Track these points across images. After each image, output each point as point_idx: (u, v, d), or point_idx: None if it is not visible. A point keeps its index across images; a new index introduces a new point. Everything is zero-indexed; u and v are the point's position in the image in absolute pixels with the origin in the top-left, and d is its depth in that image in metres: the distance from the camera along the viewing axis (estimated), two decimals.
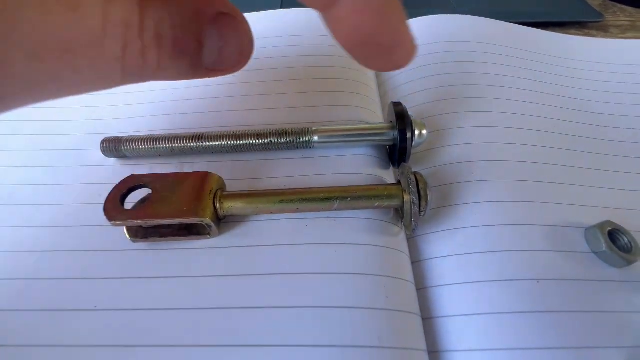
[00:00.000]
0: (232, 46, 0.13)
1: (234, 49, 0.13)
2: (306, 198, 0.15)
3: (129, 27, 0.10)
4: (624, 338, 0.14)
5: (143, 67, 0.10)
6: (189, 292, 0.14)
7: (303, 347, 0.13)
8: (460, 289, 0.15)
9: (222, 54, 0.12)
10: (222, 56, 0.12)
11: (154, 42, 0.10)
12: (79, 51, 0.09)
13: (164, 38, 0.10)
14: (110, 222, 0.14)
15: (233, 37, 0.12)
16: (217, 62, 0.12)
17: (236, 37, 0.13)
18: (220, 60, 0.12)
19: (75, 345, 0.13)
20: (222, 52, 0.12)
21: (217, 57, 0.12)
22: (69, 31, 0.09)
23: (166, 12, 0.10)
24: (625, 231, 0.16)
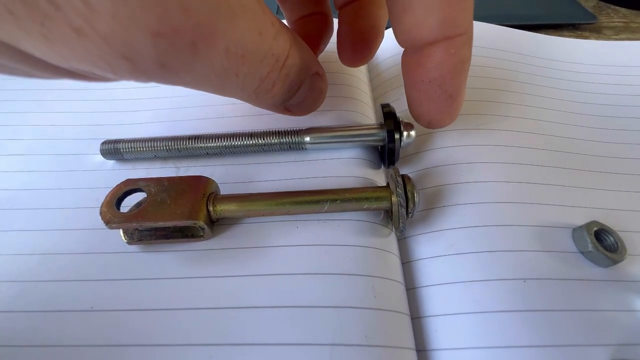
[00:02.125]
0: (312, 98, 0.16)
1: (312, 101, 0.16)
2: (297, 201, 0.16)
3: (277, 60, 0.12)
4: (609, 336, 0.14)
5: (268, 92, 0.13)
6: (183, 293, 0.15)
7: (292, 346, 0.13)
8: (449, 289, 0.16)
9: (303, 101, 0.16)
10: (302, 102, 0.16)
11: (284, 78, 0.13)
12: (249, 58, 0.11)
13: (290, 78, 0.13)
14: (107, 225, 0.15)
15: (316, 92, 0.16)
16: (296, 105, 0.16)
17: (317, 93, 0.16)
18: (299, 105, 0.16)
19: (73, 345, 0.14)
20: (304, 99, 0.16)
21: (299, 102, 0.15)
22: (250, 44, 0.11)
23: (298, 60, 0.13)
24: (611, 231, 0.16)
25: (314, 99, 0.16)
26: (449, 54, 0.13)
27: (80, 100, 0.24)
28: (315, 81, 0.15)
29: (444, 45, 0.13)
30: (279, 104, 0.15)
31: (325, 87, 0.16)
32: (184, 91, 0.24)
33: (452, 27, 0.13)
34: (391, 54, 0.27)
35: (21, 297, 0.15)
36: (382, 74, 0.26)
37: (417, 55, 0.14)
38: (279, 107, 0.15)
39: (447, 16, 0.12)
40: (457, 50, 0.13)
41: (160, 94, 0.24)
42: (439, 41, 0.13)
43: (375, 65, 0.28)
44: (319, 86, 0.16)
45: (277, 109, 0.16)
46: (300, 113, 0.16)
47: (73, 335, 0.14)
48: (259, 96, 0.13)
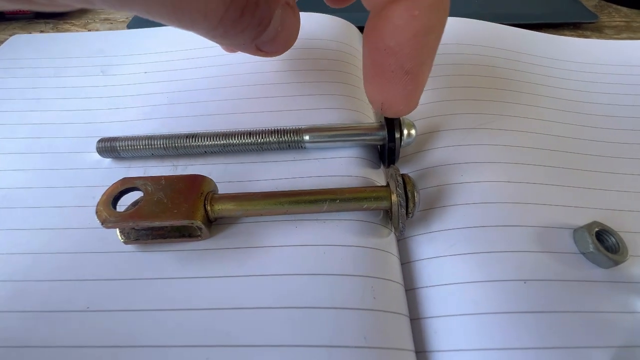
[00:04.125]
0: (285, 35, 0.14)
1: (285, 37, 0.14)
2: (295, 200, 0.16)
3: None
4: (610, 338, 0.14)
5: (235, 23, 0.11)
6: (180, 293, 0.14)
7: (290, 347, 0.13)
8: (449, 290, 0.15)
9: (275, 37, 0.14)
10: (274, 39, 0.14)
11: (252, 7, 0.12)
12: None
13: (259, 7, 0.12)
14: (103, 224, 0.14)
15: (288, 26, 0.14)
16: (269, 42, 0.14)
17: (291, 26, 0.14)
18: (271, 42, 0.14)
19: (68, 346, 0.13)
20: (277, 35, 0.14)
21: (272, 37, 0.14)
22: None
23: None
24: (613, 232, 0.16)
25: (287, 36, 0.15)
26: (410, 16, 0.11)
27: (76, 98, 0.24)
28: (286, 13, 0.14)
29: (406, 5, 0.11)
30: (250, 41, 0.13)
31: (297, 21, 0.15)
32: (182, 87, 0.23)
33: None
34: None
35: (15, 297, 0.15)
36: None
37: (377, 18, 0.12)
38: (250, 45, 0.14)
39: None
40: (421, 13, 0.11)
41: (157, 90, 0.23)
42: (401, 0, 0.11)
43: None
44: (291, 20, 0.14)
45: (247, 48, 0.14)
46: (273, 52, 0.15)
47: (68, 335, 0.14)
48: (227, 29, 0.12)
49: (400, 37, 0.12)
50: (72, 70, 0.26)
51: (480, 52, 0.26)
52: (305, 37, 0.26)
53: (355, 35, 0.28)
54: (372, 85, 0.14)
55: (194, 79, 0.24)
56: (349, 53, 0.26)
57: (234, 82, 0.23)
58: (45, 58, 0.27)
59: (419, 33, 0.12)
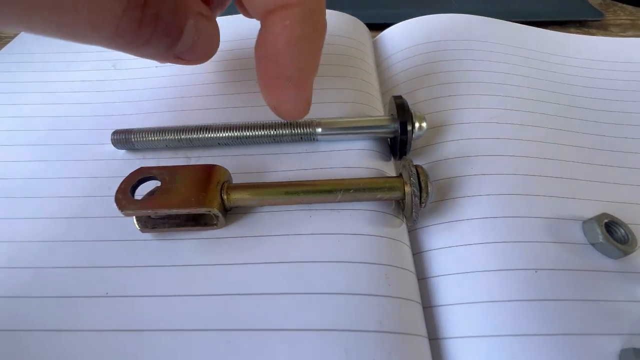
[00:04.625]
0: (203, 42, 0.15)
1: (203, 46, 0.15)
2: (310, 190, 0.16)
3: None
4: (619, 326, 0.14)
5: (136, 34, 0.12)
6: (198, 279, 0.15)
7: (308, 331, 0.13)
8: (460, 279, 0.16)
9: (193, 46, 0.15)
10: (192, 48, 0.15)
11: (151, 19, 0.12)
12: None
13: (161, 19, 0.12)
14: (122, 211, 0.15)
15: (205, 35, 0.15)
16: (187, 51, 0.15)
17: (208, 35, 0.15)
18: (190, 51, 0.15)
19: (88, 330, 0.14)
20: (194, 44, 0.15)
21: (189, 47, 0.15)
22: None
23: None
24: (622, 223, 0.16)
25: (206, 44, 0.15)
26: (282, 26, 0.12)
27: (89, 91, 0.24)
28: (200, 23, 0.14)
29: (279, 15, 0.12)
30: (164, 52, 0.14)
31: (215, 30, 0.16)
32: (196, 80, 0.24)
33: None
34: (400, 48, 0.27)
35: (35, 283, 0.15)
36: (390, 67, 0.26)
37: (261, 28, 0.13)
38: (166, 55, 0.14)
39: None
40: (292, 23, 0.12)
41: (169, 84, 0.24)
42: (275, 10, 0.12)
43: (384, 59, 0.28)
44: (207, 29, 0.15)
45: (165, 58, 0.15)
46: (194, 61, 0.16)
47: (89, 320, 0.14)
48: (128, 41, 0.12)
49: (276, 46, 0.13)
50: (82, 64, 0.26)
51: (487, 48, 0.26)
52: None
53: (363, 31, 0.29)
54: (263, 91, 0.15)
55: (205, 72, 0.24)
56: (358, 49, 0.26)
57: (246, 75, 0.24)
58: (56, 53, 0.27)
59: (292, 41, 0.12)
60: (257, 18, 0.13)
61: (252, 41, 0.14)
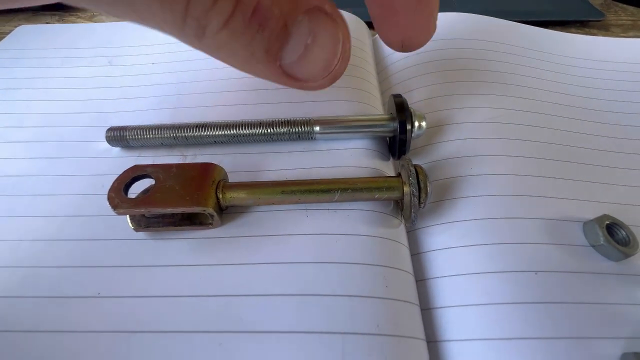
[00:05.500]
0: (320, 49, 0.10)
1: (321, 53, 0.11)
2: (307, 189, 0.16)
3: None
4: (620, 329, 0.14)
5: (207, 14, 0.09)
6: (192, 280, 0.14)
7: (304, 334, 0.13)
8: (459, 280, 0.15)
9: (306, 55, 0.10)
10: (305, 58, 0.10)
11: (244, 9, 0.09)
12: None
13: (259, 10, 0.09)
14: (114, 210, 0.14)
15: (324, 38, 0.10)
16: (298, 64, 0.10)
17: (327, 39, 0.10)
18: (302, 64, 0.10)
19: (79, 331, 0.13)
20: (307, 52, 0.10)
21: (300, 56, 0.10)
22: None
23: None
24: (623, 225, 0.16)
25: (324, 52, 0.11)
26: None
27: (84, 88, 0.24)
28: (316, 20, 0.10)
29: None
30: (261, 58, 0.10)
31: (340, 32, 0.11)
32: (191, 77, 0.23)
33: None
34: None
35: (26, 282, 0.15)
36: (390, 66, 0.26)
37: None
38: (267, 66, 0.10)
39: None
40: None
41: (166, 80, 0.23)
42: None
43: (383, 58, 0.27)
44: (326, 28, 0.10)
45: (267, 71, 0.11)
46: (309, 80, 0.11)
47: (79, 321, 0.14)
48: (210, 35, 0.09)
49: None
50: (78, 60, 0.26)
51: (488, 47, 0.26)
52: None
53: (364, 30, 0.29)
54: (388, 27, 0.13)
55: (203, 69, 0.24)
56: (358, 47, 0.26)
57: (242, 73, 0.23)
58: (52, 49, 0.27)
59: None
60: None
61: None
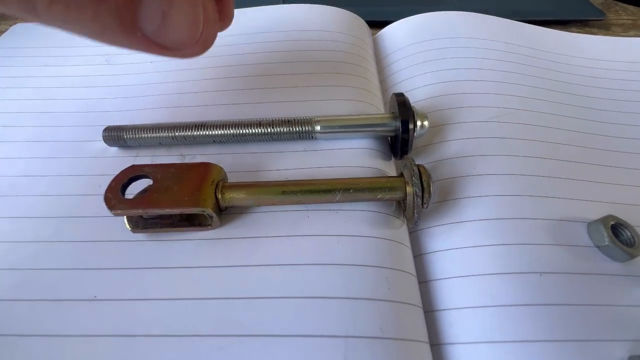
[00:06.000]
0: (179, 14, 0.09)
1: (182, 18, 0.10)
2: (308, 189, 0.15)
3: None
4: (626, 331, 0.14)
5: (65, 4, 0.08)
6: (190, 282, 0.14)
7: (306, 337, 0.12)
8: (463, 282, 0.15)
9: (165, 22, 0.09)
10: (165, 24, 0.09)
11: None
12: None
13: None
14: (111, 211, 0.14)
15: (182, 4, 0.09)
16: (160, 31, 0.10)
17: (185, 3, 0.10)
18: (164, 32, 0.10)
19: (75, 335, 0.13)
20: (165, 18, 0.09)
21: (160, 23, 0.09)
22: None
23: None
24: (628, 225, 0.16)
25: (184, 16, 0.10)
26: None
27: (81, 86, 0.23)
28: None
29: None
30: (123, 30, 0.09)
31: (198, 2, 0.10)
32: (191, 76, 0.23)
33: None
34: (401, 45, 0.27)
35: (22, 285, 0.14)
36: (391, 65, 0.26)
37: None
38: (132, 37, 0.09)
39: None
40: None
41: (164, 79, 0.23)
42: None
43: (384, 57, 0.27)
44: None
45: (135, 43, 0.10)
46: (179, 48, 0.10)
47: (76, 324, 0.13)
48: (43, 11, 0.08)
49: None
50: (75, 59, 0.25)
51: (489, 46, 0.25)
52: (316, 29, 0.26)
53: (364, 28, 0.28)
54: None
55: (201, 68, 0.23)
56: (358, 46, 0.26)
57: (243, 72, 0.23)
58: (48, 47, 0.27)
59: None
60: None
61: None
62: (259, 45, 0.25)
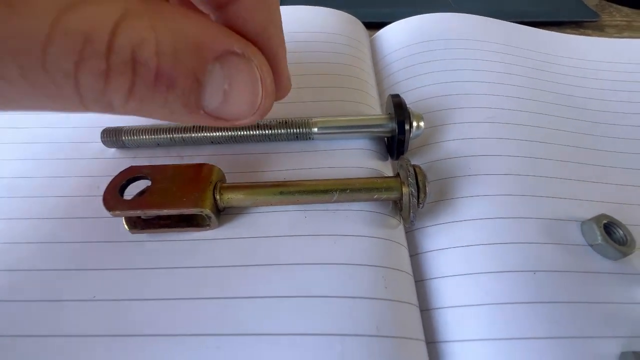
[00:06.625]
0: (240, 92, 0.11)
1: (243, 95, 0.11)
2: (306, 190, 0.15)
3: (89, 40, 0.08)
4: (619, 328, 0.14)
5: (105, 92, 0.09)
6: (188, 282, 0.14)
7: (302, 336, 0.13)
8: (458, 281, 0.15)
9: (227, 99, 0.10)
10: (227, 101, 0.10)
11: (125, 67, 0.09)
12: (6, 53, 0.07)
13: (144, 65, 0.09)
14: (110, 212, 0.14)
15: (240, 81, 0.10)
16: (222, 108, 0.10)
17: (244, 81, 0.11)
18: (225, 106, 0.10)
19: (74, 335, 0.13)
20: (227, 97, 0.10)
21: (221, 101, 0.10)
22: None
23: (154, 35, 0.09)
24: (620, 224, 0.16)
25: (244, 93, 0.11)
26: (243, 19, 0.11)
27: None
28: (231, 65, 0.10)
29: (234, 9, 0.11)
30: (181, 111, 0.10)
31: (254, 70, 0.11)
32: None
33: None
34: (397, 46, 0.27)
35: (20, 286, 0.14)
36: (388, 66, 0.26)
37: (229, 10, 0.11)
38: (189, 114, 0.10)
39: None
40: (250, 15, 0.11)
41: None
42: (227, 3, 0.11)
43: (381, 58, 0.27)
44: (241, 70, 0.10)
45: (197, 119, 0.11)
46: (235, 120, 0.11)
47: (75, 325, 0.13)
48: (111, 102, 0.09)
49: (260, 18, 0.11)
50: None
51: (484, 47, 0.26)
52: (314, 31, 0.26)
53: (360, 30, 0.28)
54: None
55: None
56: (355, 47, 0.26)
57: None
58: None
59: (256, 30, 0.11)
60: (207, 11, 0.11)
61: None
62: None
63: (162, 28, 0.09)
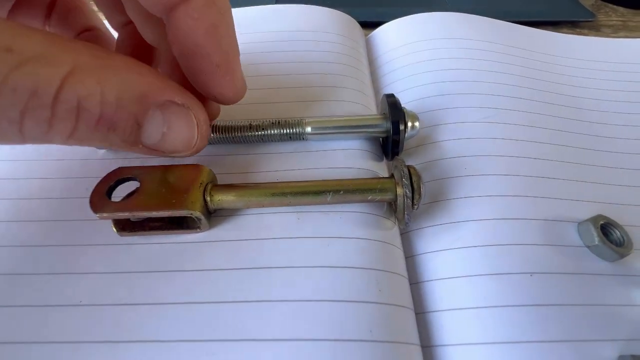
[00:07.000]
0: (177, 134, 0.12)
1: (179, 137, 0.13)
2: (298, 191, 0.15)
3: (35, 95, 0.09)
4: (617, 331, 0.14)
5: (48, 134, 0.10)
6: (179, 286, 0.14)
7: (294, 341, 0.12)
8: (454, 283, 0.15)
9: (165, 139, 0.12)
10: (164, 140, 0.12)
11: (69, 115, 0.10)
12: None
13: (87, 112, 0.10)
14: (97, 214, 0.14)
15: (178, 127, 0.12)
16: (159, 144, 0.12)
17: (182, 127, 0.12)
18: (163, 144, 0.12)
19: (61, 342, 0.13)
20: (165, 136, 0.12)
21: (159, 140, 0.12)
22: None
23: (99, 88, 0.10)
24: (618, 225, 0.16)
25: (180, 135, 0.12)
26: (193, 18, 0.12)
27: None
28: (170, 112, 0.12)
29: (185, 9, 0.12)
30: (121, 145, 0.12)
31: (197, 118, 0.13)
32: None
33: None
34: (393, 46, 0.27)
35: (4, 291, 0.14)
36: (383, 65, 0.26)
37: (169, 26, 0.12)
38: (128, 147, 0.12)
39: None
40: (201, 14, 0.12)
41: None
42: (179, 4, 0.12)
43: (376, 57, 0.27)
44: (179, 117, 0.12)
45: (136, 152, 0.12)
46: (170, 152, 0.13)
47: (60, 331, 0.13)
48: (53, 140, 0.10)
49: (196, 39, 0.12)
50: None
51: (480, 47, 0.25)
52: (309, 30, 0.26)
53: (356, 29, 0.28)
54: (198, 85, 0.14)
55: None
56: (350, 46, 0.25)
57: None
58: None
59: (209, 30, 0.12)
60: (158, 15, 0.13)
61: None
62: (249, 45, 0.24)
63: (108, 81, 0.10)
